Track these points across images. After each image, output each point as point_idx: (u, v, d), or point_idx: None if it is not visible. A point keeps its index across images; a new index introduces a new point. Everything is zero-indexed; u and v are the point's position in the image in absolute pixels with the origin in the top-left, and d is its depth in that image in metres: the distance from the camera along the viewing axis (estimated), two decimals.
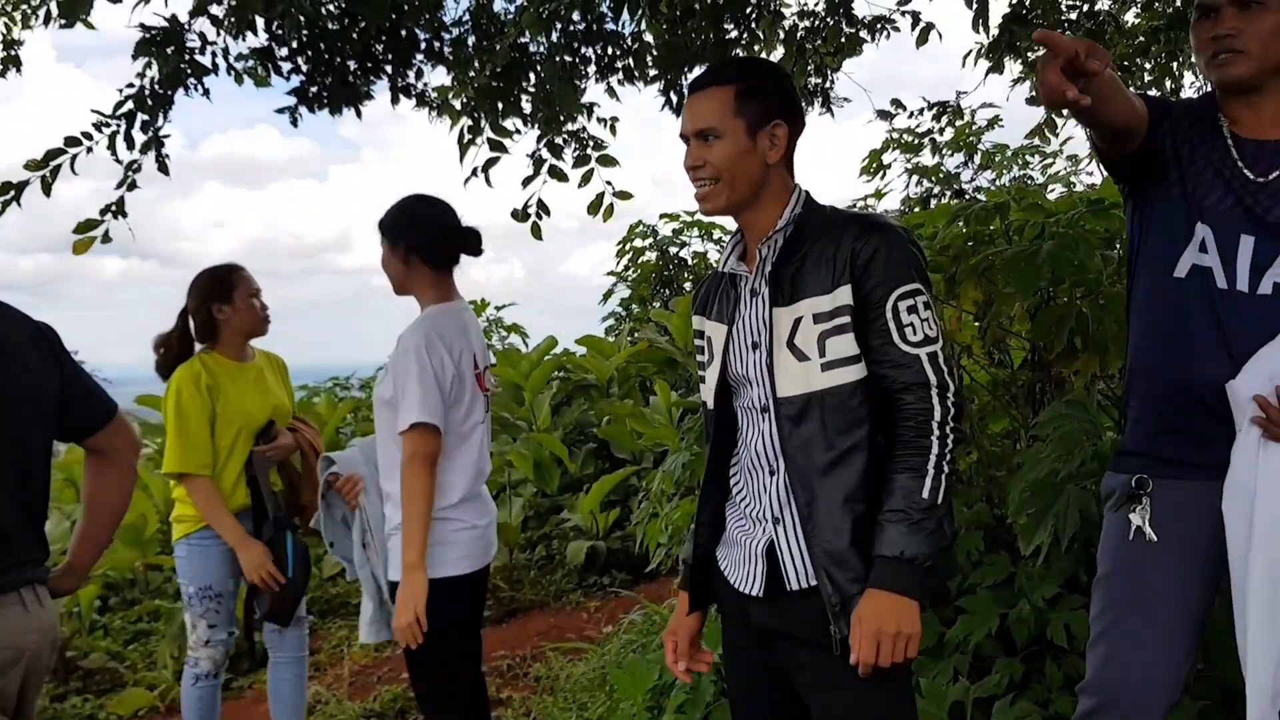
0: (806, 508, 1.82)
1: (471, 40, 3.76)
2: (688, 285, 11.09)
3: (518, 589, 6.13)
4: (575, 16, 3.24)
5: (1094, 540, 2.95)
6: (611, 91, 3.61)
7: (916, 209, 8.20)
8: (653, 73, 3.80)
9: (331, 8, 3.56)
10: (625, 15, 3.19)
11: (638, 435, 7.17)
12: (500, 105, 3.41)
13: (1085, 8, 3.74)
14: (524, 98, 3.41)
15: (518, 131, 3.52)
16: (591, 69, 3.46)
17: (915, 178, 8.38)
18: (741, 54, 3.64)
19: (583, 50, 3.34)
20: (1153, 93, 6.15)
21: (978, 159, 8.67)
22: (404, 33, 3.71)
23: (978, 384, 4.10)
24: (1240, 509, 1.81)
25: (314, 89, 3.78)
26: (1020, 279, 3.04)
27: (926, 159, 8.46)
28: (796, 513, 1.84)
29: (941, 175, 8.31)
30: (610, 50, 3.39)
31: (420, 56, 3.88)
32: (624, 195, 3.56)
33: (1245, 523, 1.79)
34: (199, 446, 3.38)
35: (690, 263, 11.46)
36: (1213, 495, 1.87)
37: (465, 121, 3.60)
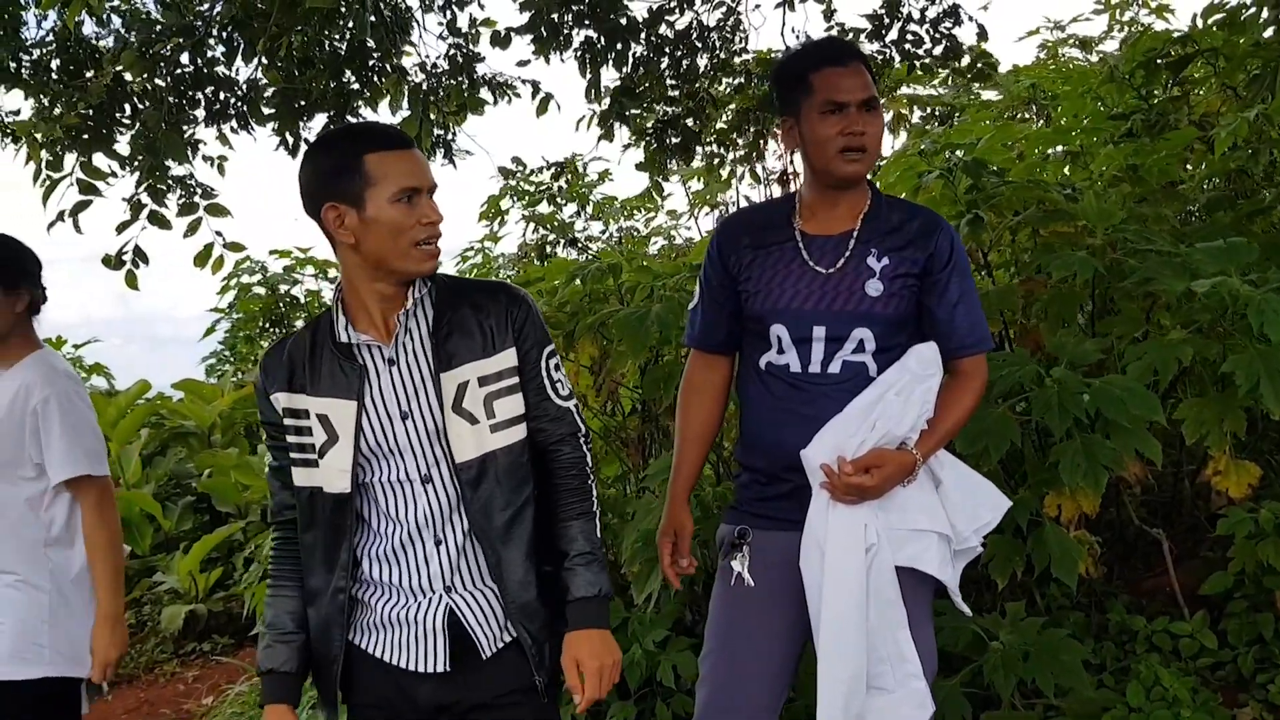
0: (496, 568, 1.84)
1: (56, 64, 3.38)
2: (299, 323, 10.60)
3: None
4: (184, 59, 2.99)
5: (697, 583, 3.19)
6: (224, 138, 3.37)
7: (532, 254, 8.52)
8: (269, 113, 3.61)
9: None
10: (240, 61, 3.01)
11: (244, 487, 6.72)
12: (92, 145, 3.05)
13: (686, 88, 4.07)
14: (121, 137, 3.09)
15: (113, 174, 3.17)
16: (201, 113, 3.21)
17: (532, 225, 8.72)
18: (362, 105, 3.57)
19: (192, 94, 3.09)
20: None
21: (590, 209, 9.18)
22: None
23: (592, 430, 4.28)
24: (813, 559, 2.04)
25: None
26: (631, 339, 3.24)
27: (543, 208, 8.83)
28: (485, 574, 1.85)
29: (557, 224, 8.69)
30: (223, 95, 3.16)
31: None
32: (236, 247, 3.28)
33: (818, 570, 2.03)
34: None
35: (303, 301, 10.97)
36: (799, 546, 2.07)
37: (45, 156, 3.17)
